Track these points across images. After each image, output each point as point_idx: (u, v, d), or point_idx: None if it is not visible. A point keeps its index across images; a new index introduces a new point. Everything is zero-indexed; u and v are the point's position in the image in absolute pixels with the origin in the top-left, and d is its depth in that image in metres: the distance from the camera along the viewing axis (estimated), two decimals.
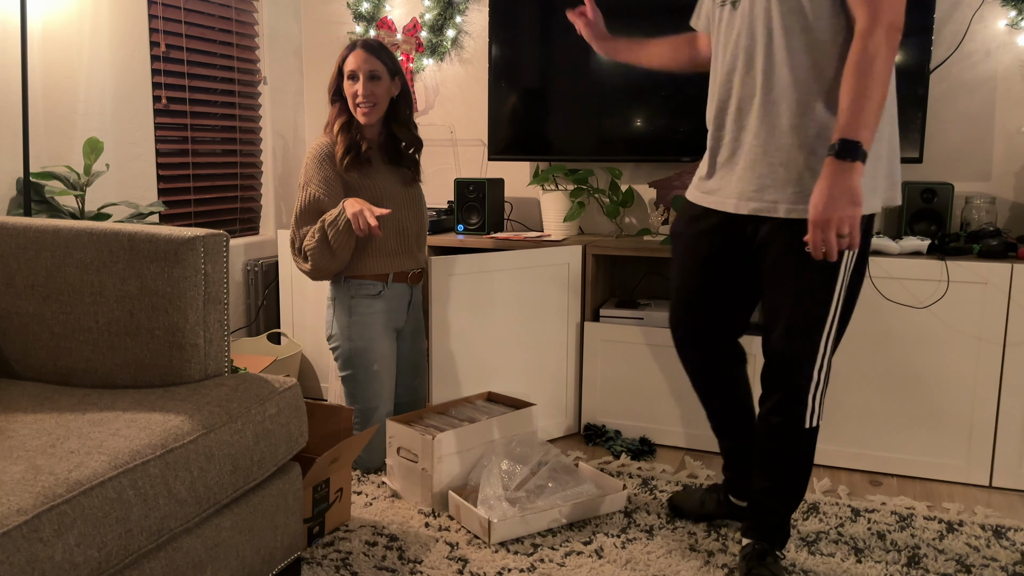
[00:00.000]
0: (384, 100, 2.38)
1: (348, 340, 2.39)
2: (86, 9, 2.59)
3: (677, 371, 2.66)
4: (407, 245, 2.45)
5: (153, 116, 2.87)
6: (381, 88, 2.35)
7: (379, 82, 2.35)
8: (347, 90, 2.37)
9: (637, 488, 2.36)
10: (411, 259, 2.47)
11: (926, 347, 2.42)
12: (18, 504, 1.13)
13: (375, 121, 2.40)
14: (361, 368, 2.39)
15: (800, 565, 1.92)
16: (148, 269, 1.65)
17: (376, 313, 2.40)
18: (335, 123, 2.38)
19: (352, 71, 2.34)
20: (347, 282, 2.39)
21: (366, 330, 2.39)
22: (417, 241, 2.50)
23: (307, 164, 2.37)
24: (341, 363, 2.42)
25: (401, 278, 2.45)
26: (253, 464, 1.55)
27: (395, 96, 2.42)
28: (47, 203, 2.37)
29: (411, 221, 2.45)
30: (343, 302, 2.40)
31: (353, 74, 2.34)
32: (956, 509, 2.24)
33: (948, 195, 2.58)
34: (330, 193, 2.32)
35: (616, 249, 2.74)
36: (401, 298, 2.47)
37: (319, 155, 2.36)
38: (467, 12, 3.27)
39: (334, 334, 2.42)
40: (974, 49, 2.71)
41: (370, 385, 2.40)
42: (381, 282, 2.41)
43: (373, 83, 2.34)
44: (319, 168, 2.34)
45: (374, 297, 2.40)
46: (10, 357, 1.77)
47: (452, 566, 1.91)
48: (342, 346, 2.40)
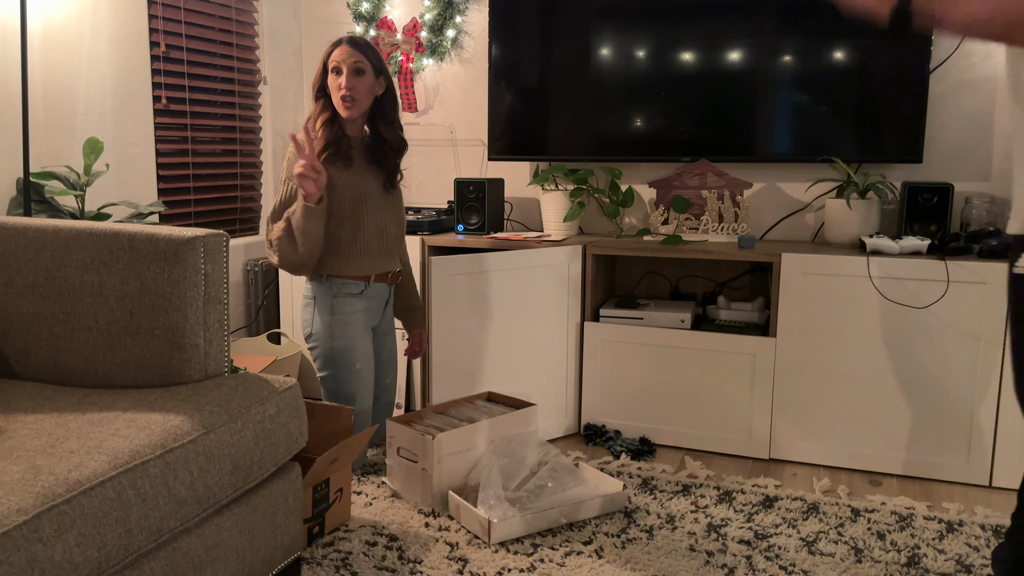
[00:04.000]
0: (367, 96, 2.36)
1: (330, 339, 2.37)
2: (86, 9, 2.59)
3: (677, 371, 2.67)
4: (387, 246, 2.44)
5: (153, 116, 2.87)
6: (364, 83, 2.34)
7: (363, 77, 2.33)
8: (331, 84, 2.35)
9: (637, 488, 2.36)
10: (391, 260, 2.48)
11: (926, 347, 2.42)
12: (18, 504, 1.13)
13: (357, 116, 2.38)
14: (343, 368, 2.37)
15: (800, 565, 1.92)
16: (148, 269, 1.65)
17: (358, 312, 2.39)
18: (318, 118, 2.37)
19: (336, 65, 2.33)
20: (329, 281, 2.37)
21: (348, 329, 2.37)
22: (396, 243, 2.50)
23: (288, 159, 2.35)
24: (321, 362, 2.40)
25: (382, 278, 2.45)
26: (253, 464, 1.54)
27: (379, 95, 2.41)
28: (47, 203, 2.37)
29: (391, 223, 2.45)
30: (324, 301, 2.38)
31: (337, 68, 2.33)
32: (956, 509, 2.24)
33: (948, 195, 2.58)
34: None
35: (616, 249, 2.74)
36: (380, 298, 2.47)
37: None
38: (467, 12, 3.27)
39: (315, 333, 2.40)
40: (974, 49, 2.71)
41: (352, 384, 2.38)
42: (363, 282, 2.40)
43: (357, 77, 2.32)
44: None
45: (356, 297, 2.38)
46: (10, 357, 1.77)
47: (452, 566, 1.91)
48: (323, 345, 2.38)
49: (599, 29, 2.94)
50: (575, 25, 2.96)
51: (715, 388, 2.63)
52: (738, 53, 2.79)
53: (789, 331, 2.53)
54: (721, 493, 2.33)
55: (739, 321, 2.72)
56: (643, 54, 2.89)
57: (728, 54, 2.80)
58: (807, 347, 2.52)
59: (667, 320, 2.69)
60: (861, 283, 2.45)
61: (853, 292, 2.46)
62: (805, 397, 2.54)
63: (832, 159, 2.70)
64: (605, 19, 2.94)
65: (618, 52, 2.92)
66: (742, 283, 2.99)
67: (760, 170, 2.97)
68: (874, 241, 2.48)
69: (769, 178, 2.97)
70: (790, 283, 2.52)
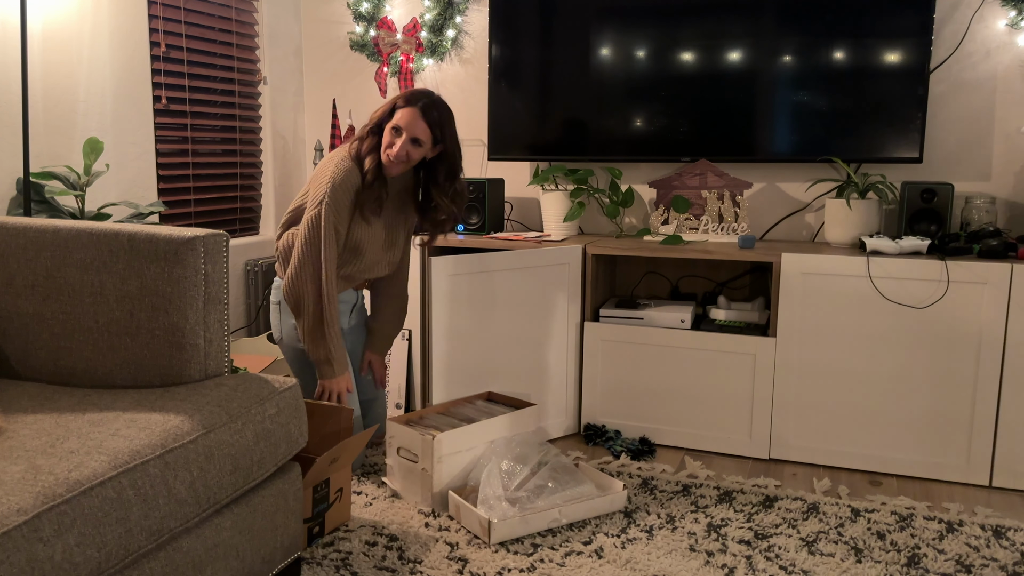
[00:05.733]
0: (416, 160, 2.31)
1: (298, 341, 2.33)
2: (86, 9, 2.59)
3: (677, 371, 2.67)
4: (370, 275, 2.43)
5: (153, 116, 2.87)
6: (418, 153, 2.29)
7: (419, 147, 2.28)
8: (386, 136, 2.28)
9: (637, 488, 2.36)
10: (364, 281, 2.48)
11: (926, 347, 2.42)
12: (18, 504, 1.13)
13: (394, 175, 2.33)
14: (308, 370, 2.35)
15: (800, 565, 1.93)
16: (148, 269, 1.65)
17: None
18: (367, 158, 2.28)
19: (397, 126, 2.26)
20: None
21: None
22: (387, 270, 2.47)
23: (335, 182, 2.22)
24: (296, 367, 2.39)
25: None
26: (253, 464, 1.55)
27: (430, 158, 2.34)
28: (47, 203, 2.37)
29: (383, 265, 2.42)
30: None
31: (398, 129, 2.26)
32: (956, 509, 2.24)
33: (948, 195, 2.58)
34: (343, 222, 2.26)
35: (616, 249, 2.74)
36: (348, 302, 2.47)
37: (348, 179, 2.25)
38: (467, 12, 3.27)
39: (283, 336, 2.38)
40: (974, 49, 2.71)
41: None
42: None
43: (413, 145, 2.27)
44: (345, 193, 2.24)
45: None
46: (10, 357, 1.77)
47: (452, 566, 1.91)
48: (292, 347, 2.37)
49: (599, 29, 2.94)
50: (575, 25, 2.96)
51: (715, 388, 2.63)
52: (738, 53, 2.79)
53: (789, 331, 2.53)
54: (721, 493, 2.33)
55: (739, 321, 2.72)
56: (643, 54, 2.89)
57: (728, 54, 2.80)
58: (807, 347, 2.52)
59: (667, 320, 2.69)
60: (861, 283, 2.45)
61: (853, 292, 2.46)
62: (805, 397, 2.54)
63: (832, 159, 2.71)
64: (605, 19, 2.94)
65: (618, 52, 2.92)
66: (742, 283, 2.99)
67: (760, 170, 2.97)
68: (874, 241, 2.48)
69: (769, 178, 2.97)
70: (790, 283, 2.52)
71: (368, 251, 2.35)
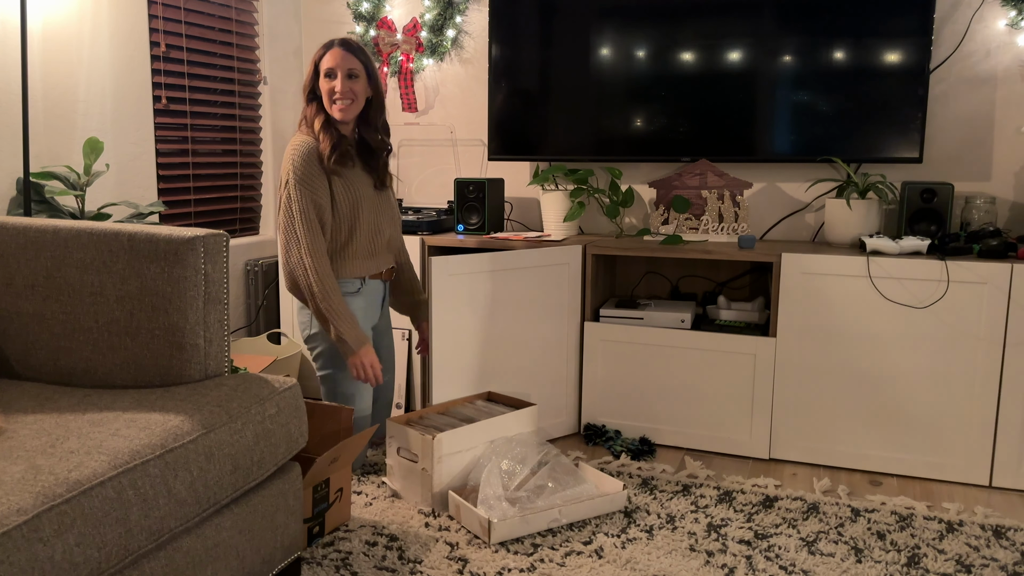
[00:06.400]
0: (361, 98, 2.37)
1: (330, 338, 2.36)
2: (86, 9, 2.59)
3: (677, 371, 2.67)
4: (381, 247, 2.46)
5: (153, 116, 2.87)
6: (359, 86, 2.35)
7: (357, 80, 2.34)
8: (323, 87, 2.34)
9: (637, 488, 2.36)
10: (385, 259, 2.49)
11: (926, 347, 2.42)
12: (18, 504, 1.13)
13: (351, 119, 2.38)
14: (344, 366, 2.38)
15: (800, 565, 1.93)
16: (148, 269, 1.65)
17: (356, 310, 2.40)
18: (314, 120, 2.35)
19: (330, 68, 2.33)
20: None
21: None
22: (391, 242, 2.50)
23: (295, 163, 2.28)
24: (323, 362, 2.40)
25: (376, 276, 2.46)
26: (253, 464, 1.55)
27: (369, 97, 2.41)
28: (47, 203, 2.37)
29: (385, 224, 2.46)
30: None
31: (331, 71, 2.32)
32: (956, 509, 2.24)
33: (948, 195, 2.58)
34: (323, 195, 2.30)
35: (616, 249, 2.74)
36: (377, 294, 2.49)
37: (307, 154, 2.29)
38: (467, 12, 3.27)
39: (315, 333, 2.40)
40: (974, 49, 2.71)
41: (352, 383, 2.38)
42: (359, 280, 2.41)
43: (351, 80, 2.33)
44: (308, 167, 2.28)
45: (354, 294, 2.40)
46: (10, 357, 1.77)
47: (452, 566, 1.91)
48: (323, 344, 2.39)
49: (599, 29, 2.94)
50: (575, 25, 2.96)
51: (715, 388, 2.63)
52: (738, 53, 2.79)
53: (789, 331, 2.53)
54: (721, 493, 2.33)
55: (739, 321, 2.72)
56: (643, 54, 2.89)
57: (728, 54, 2.80)
58: (807, 347, 2.52)
59: (667, 320, 2.69)
60: (861, 283, 2.45)
61: (853, 292, 2.46)
62: (805, 397, 2.54)
63: (832, 159, 2.71)
64: (605, 19, 2.94)
65: (618, 52, 2.92)
66: (742, 283, 2.99)
67: (760, 170, 2.97)
68: (874, 241, 2.48)
69: (769, 178, 2.97)
70: (790, 283, 2.52)
71: (362, 215, 2.37)
